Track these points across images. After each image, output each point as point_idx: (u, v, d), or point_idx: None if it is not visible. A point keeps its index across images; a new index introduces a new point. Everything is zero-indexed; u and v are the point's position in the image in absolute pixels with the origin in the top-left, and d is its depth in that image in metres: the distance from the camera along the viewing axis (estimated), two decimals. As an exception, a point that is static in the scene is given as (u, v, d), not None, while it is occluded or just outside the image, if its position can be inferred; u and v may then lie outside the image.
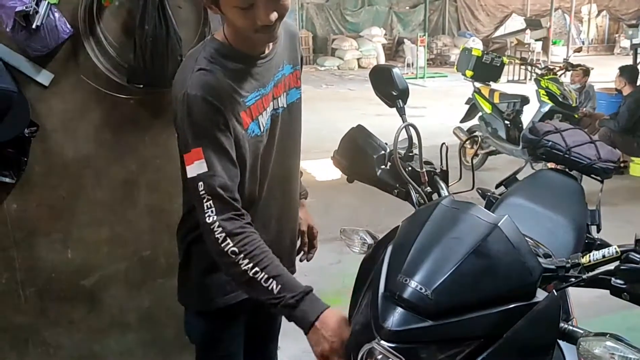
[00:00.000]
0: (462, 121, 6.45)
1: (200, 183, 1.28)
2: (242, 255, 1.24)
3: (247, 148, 1.37)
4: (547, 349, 1.02)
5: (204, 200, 1.28)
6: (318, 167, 6.09)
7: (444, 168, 1.45)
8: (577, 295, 1.92)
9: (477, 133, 6.21)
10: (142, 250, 2.24)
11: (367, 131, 1.52)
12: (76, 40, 1.95)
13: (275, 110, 1.46)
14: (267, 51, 1.43)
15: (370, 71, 1.55)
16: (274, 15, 1.26)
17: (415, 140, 1.50)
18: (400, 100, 1.47)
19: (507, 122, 5.85)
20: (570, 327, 1.03)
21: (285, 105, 1.50)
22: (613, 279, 1.03)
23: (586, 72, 7.02)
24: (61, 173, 2.08)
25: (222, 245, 1.25)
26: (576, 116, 5.73)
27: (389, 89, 1.48)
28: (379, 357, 1.02)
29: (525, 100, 6.00)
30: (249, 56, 1.39)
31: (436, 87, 13.22)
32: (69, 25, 1.90)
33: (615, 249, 1.08)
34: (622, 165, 6.22)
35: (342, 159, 1.54)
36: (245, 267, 1.24)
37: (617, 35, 20.02)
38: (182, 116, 1.30)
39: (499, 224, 1.05)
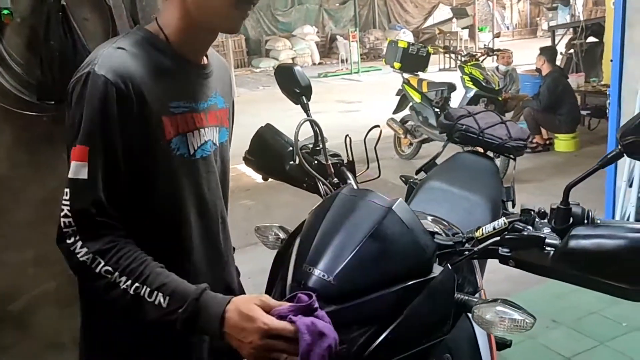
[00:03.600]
0: (394, 112, 6.61)
1: (67, 190, 1.05)
2: (117, 273, 1.04)
3: (161, 163, 1.12)
4: (445, 320, 1.08)
5: (63, 216, 1.05)
6: (257, 169, 6.12)
7: (350, 159, 1.50)
8: (507, 270, 2.02)
9: (409, 122, 6.38)
10: (70, 267, 2.20)
11: (275, 129, 1.56)
12: (-22, 59, 1.90)
13: (212, 142, 1.23)
14: (205, 62, 1.22)
15: (275, 71, 1.59)
16: None
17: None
18: (304, 97, 1.51)
19: (436, 109, 6.04)
20: (465, 297, 1.10)
21: (217, 143, 1.25)
22: (500, 248, 1.11)
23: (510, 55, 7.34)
24: (-23, 197, 2.02)
25: (93, 267, 1.04)
26: (500, 99, 5.98)
27: (293, 86, 1.52)
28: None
29: (452, 87, 6.20)
30: (186, 60, 1.16)
31: (371, 81, 13.45)
32: (-31, 45, 1.85)
33: (503, 220, 1.16)
34: (547, 142, 6.53)
35: (253, 158, 1.57)
36: (125, 285, 1.03)
37: (538, 18, 20.88)
38: (77, 100, 1.05)
39: (393, 207, 1.11)
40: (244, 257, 3.79)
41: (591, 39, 8.11)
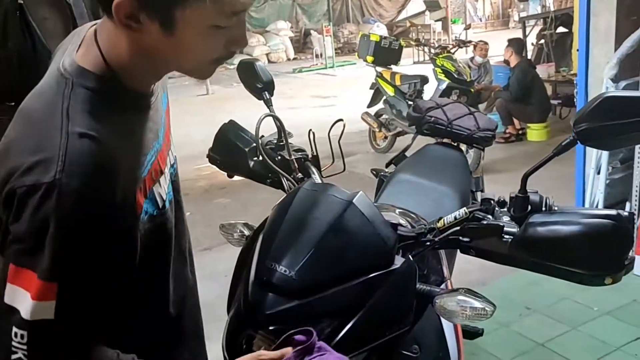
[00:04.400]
0: (368, 106, 6.60)
1: (21, 333, 0.77)
2: None
3: (137, 246, 0.90)
4: (407, 311, 1.08)
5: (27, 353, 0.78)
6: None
7: (315, 153, 1.50)
8: (481, 260, 2.05)
9: (384, 116, 6.39)
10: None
11: (238, 125, 1.56)
12: None
13: (171, 168, 1.04)
14: (153, 86, 0.98)
15: (237, 67, 1.58)
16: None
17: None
18: (266, 92, 1.51)
19: (409, 102, 6.05)
20: (427, 288, 1.11)
21: (175, 155, 1.08)
22: (461, 237, 1.11)
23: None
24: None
25: None
26: (472, 90, 6.02)
27: (255, 82, 1.52)
28: (256, 341, 1.05)
29: (424, 79, 6.22)
30: (140, 95, 0.94)
31: (346, 75, 13.46)
32: None
33: (464, 210, 1.16)
34: (520, 132, 6.61)
35: (217, 155, 1.56)
36: None
37: (510, 10, 21.09)
38: (32, 214, 0.76)
39: (353, 200, 1.11)
40: (220, 255, 3.80)
41: (561, 29, 8.22)
